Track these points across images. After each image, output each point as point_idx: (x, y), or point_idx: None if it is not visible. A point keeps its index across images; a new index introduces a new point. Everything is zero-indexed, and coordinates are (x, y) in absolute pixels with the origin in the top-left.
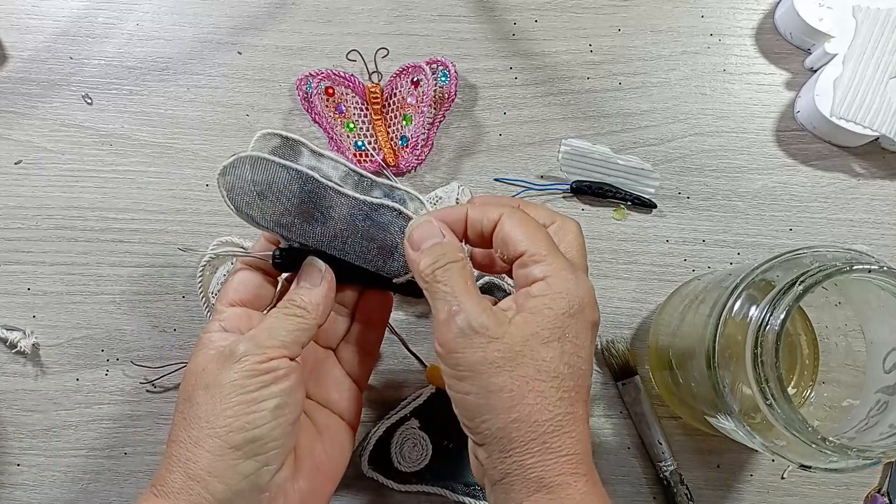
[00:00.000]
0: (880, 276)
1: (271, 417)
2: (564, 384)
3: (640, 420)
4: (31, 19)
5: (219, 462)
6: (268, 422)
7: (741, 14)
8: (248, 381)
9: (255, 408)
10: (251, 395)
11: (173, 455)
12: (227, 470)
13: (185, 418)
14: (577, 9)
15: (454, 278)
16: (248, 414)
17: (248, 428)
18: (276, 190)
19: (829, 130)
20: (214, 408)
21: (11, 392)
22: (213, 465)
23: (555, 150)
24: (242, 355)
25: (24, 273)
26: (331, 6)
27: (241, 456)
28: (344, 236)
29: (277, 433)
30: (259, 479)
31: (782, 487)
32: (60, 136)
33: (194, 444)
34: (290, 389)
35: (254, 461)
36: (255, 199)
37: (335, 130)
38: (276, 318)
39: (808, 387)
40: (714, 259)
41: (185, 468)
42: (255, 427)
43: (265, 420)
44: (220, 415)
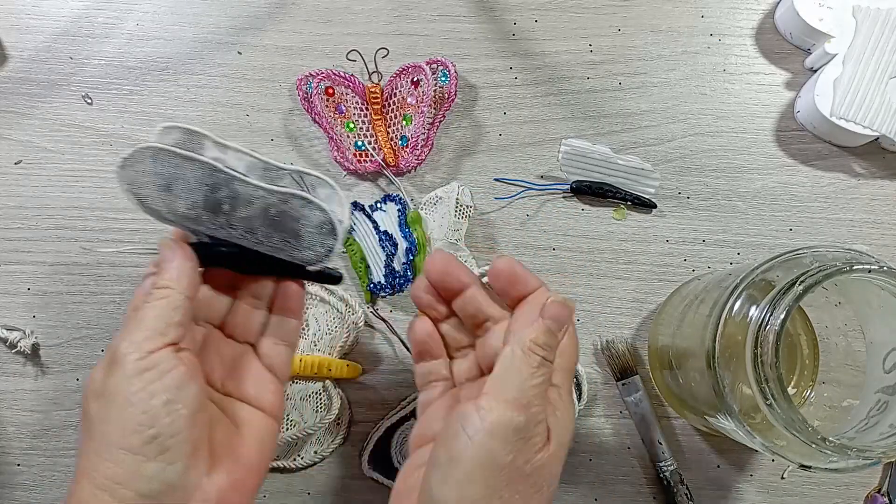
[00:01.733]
0: (880, 276)
1: (165, 414)
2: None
3: (640, 420)
4: (31, 19)
5: (120, 469)
6: (162, 418)
7: (741, 14)
8: (132, 382)
9: (145, 407)
10: (137, 395)
11: (80, 467)
12: (130, 475)
13: (86, 431)
14: (577, 9)
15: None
16: (140, 415)
17: (142, 429)
18: (180, 182)
19: (829, 130)
20: (107, 415)
21: (11, 392)
22: (114, 472)
23: (555, 150)
24: (122, 357)
25: (24, 273)
26: (331, 6)
27: (142, 459)
28: (254, 227)
29: (174, 428)
30: (167, 477)
31: (782, 487)
32: (60, 136)
33: (96, 454)
34: (178, 383)
35: (156, 462)
36: (160, 193)
37: (335, 130)
38: (144, 309)
39: (808, 387)
40: (714, 259)
41: (90, 479)
42: (150, 427)
43: (159, 417)
44: (112, 422)
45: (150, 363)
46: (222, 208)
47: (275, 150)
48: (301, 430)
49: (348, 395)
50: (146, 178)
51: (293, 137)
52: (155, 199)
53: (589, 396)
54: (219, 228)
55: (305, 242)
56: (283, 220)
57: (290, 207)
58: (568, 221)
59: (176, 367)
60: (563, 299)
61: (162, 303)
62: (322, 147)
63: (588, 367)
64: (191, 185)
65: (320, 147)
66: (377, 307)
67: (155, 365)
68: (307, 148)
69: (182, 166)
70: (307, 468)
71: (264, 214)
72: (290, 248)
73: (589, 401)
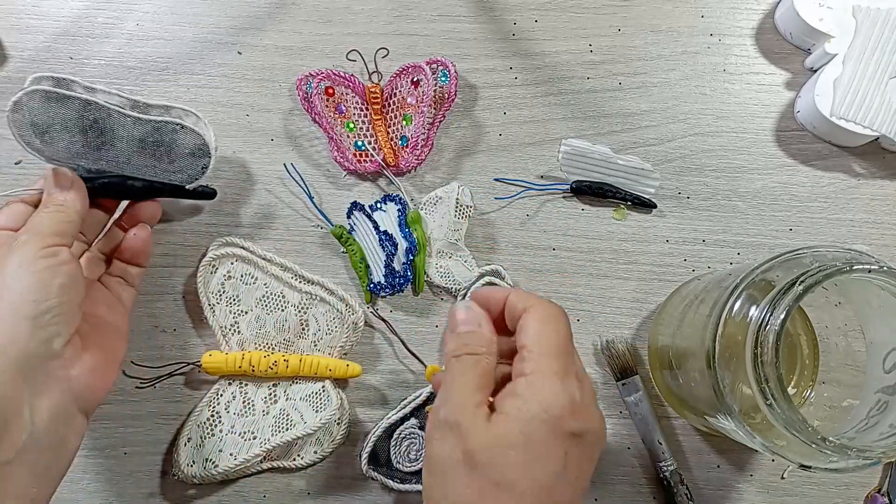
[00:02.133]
0: (880, 276)
1: (60, 293)
2: (525, 499)
3: (640, 420)
4: (31, 19)
5: (16, 330)
6: (57, 296)
7: (741, 14)
8: (35, 262)
9: (46, 284)
10: (39, 273)
11: None
12: (24, 336)
13: None
14: (577, 9)
15: (460, 370)
16: (40, 289)
17: (41, 300)
18: (60, 121)
19: (829, 130)
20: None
21: None
22: (10, 332)
23: (555, 150)
24: (24, 243)
25: None
26: (331, 6)
27: (35, 325)
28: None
29: (65, 308)
30: (51, 346)
31: (782, 487)
32: None
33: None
34: (72, 273)
35: (46, 330)
36: (43, 133)
37: (335, 130)
38: (41, 215)
39: (808, 387)
40: (714, 259)
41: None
42: (46, 300)
43: (54, 294)
44: (13, 288)
45: (51, 252)
46: (103, 142)
47: (275, 150)
48: (301, 430)
49: (348, 395)
50: (31, 119)
51: (293, 137)
52: (40, 139)
53: None
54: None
55: (181, 164)
56: (158, 147)
57: (163, 135)
58: (568, 221)
59: (70, 261)
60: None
61: (59, 215)
62: (322, 147)
63: (588, 367)
64: (71, 122)
65: (320, 147)
66: (377, 307)
67: (55, 255)
68: (307, 148)
69: (62, 106)
70: (307, 468)
71: (141, 144)
72: (168, 172)
73: None
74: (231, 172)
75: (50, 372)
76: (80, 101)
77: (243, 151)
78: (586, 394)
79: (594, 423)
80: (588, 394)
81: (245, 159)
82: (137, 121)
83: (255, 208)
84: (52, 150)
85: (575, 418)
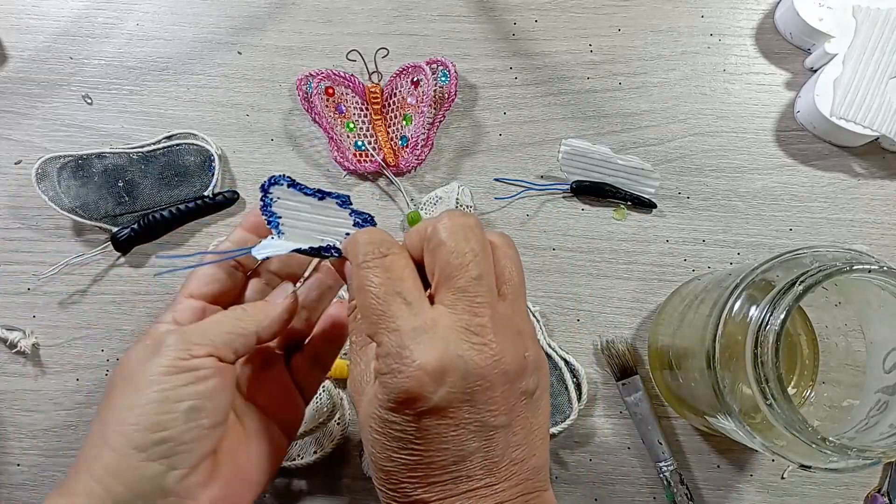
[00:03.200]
0: (880, 276)
1: (184, 420)
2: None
3: (640, 420)
4: (31, 19)
5: (122, 462)
6: (180, 424)
7: (741, 14)
8: (165, 378)
9: (169, 407)
10: (166, 393)
11: (82, 452)
12: (128, 471)
13: (100, 411)
14: (577, 9)
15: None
16: (161, 414)
17: (157, 428)
18: (82, 179)
19: (829, 130)
20: (128, 401)
21: (11, 392)
22: (115, 464)
23: (555, 150)
24: (167, 348)
25: (24, 273)
26: (331, 6)
27: (146, 458)
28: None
29: (189, 436)
30: (163, 482)
31: (782, 487)
32: (60, 136)
33: (101, 440)
34: (210, 392)
35: (159, 464)
36: (80, 200)
37: (335, 130)
38: (217, 317)
39: (808, 387)
40: (714, 259)
41: (88, 468)
42: (165, 429)
43: (178, 422)
44: (132, 410)
45: (192, 366)
46: (128, 189)
47: (275, 150)
48: (301, 430)
49: (348, 395)
50: (57, 182)
51: (293, 137)
52: (70, 200)
53: (589, 396)
54: (132, 211)
55: (195, 177)
56: (174, 169)
57: (175, 157)
58: (568, 221)
59: (213, 375)
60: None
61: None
62: (322, 147)
63: (588, 367)
64: (94, 177)
65: (320, 147)
66: None
67: (193, 369)
68: (307, 148)
69: (81, 166)
70: (307, 468)
71: (161, 174)
72: (186, 184)
73: (589, 401)
74: (231, 172)
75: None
76: (95, 156)
77: (243, 151)
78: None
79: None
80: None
81: (245, 159)
82: (150, 153)
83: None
84: (87, 209)
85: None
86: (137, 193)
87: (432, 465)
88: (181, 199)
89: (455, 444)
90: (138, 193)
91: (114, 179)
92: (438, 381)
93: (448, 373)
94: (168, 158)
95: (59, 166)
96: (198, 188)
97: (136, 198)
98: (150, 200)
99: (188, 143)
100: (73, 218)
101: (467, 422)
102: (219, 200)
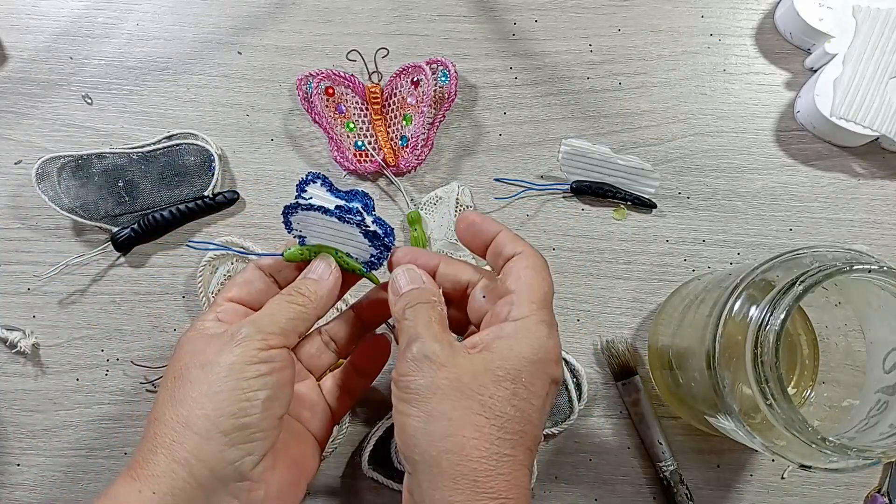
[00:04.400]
0: (880, 276)
1: (262, 408)
2: (508, 425)
3: (640, 420)
4: (31, 19)
5: (206, 446)
6: (259, 411)
7: (741, 14)
8: (246, 367)
9: (250, 395)
10: (247, 381)
11: (157, 436)
12: (213, 455)
13: (174, 397)
14: (577, 9)
15: (419, 315)
16: (242, 401)
17: (239, 414)
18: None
19: (829, 130)
20: (209, 388)
21: (11, 392)
22: (200, 448)
23: (555, 150)
24: (244, 339)
25: (24, 273)
26: (331, 6)
27: (229, 442)
28: (158, 190)
29: (266, 424)
30: (242, 467)
31: (782, 487)
32: (60, 136)
33: (183, 424)
34: (283, 383)
35: (239, 449)
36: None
37: (335, 130)
38: (278, 304)
39: (808, 387)
40: (714, 259)
41: (169, 451)
42: (247, 415)
43: (257, 409)
44: (213, 396)
45: (268, 357)
46: (128, 188)
47: (275, 150)
48: None
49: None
50: (57, 182)
51: (293, 137)
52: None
53: (589, 396)
54: (133, 204)
55: (195, 177)
56: (174, 169)
57: (175, 157)
58: (568, 221)
59: (286, 368)
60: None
61: (297, 309)
62: (322, 147)
63: (588, 367)
64: (94, 177)
65: (320, 147)
66: None
67: (271, 360)
68: (307, 148)
69: (81, 165)
70: None
71: (161, 174)
72: (186, 184)
73: (589, 401)
74: (231, 172)
75: (235, 495)
76: (95, 156)
77: (243, 151)
78: (559, 345)
79: (562, 372)
80: (559, 345)
81: (245, 159)
82: (150, 153)
83: (255, 208)
84: (87, 210)
85: (557, 365)
86: (137, 193)
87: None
88: (181, 199)
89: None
90: (138, 193)
91: (114, 179)
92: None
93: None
94: (168, 158)
95: (59, 166)
96: (198, 188)
97: (136, 198)
98: (150, 200)
99: (188, 143)
100: (73, 218)
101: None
102: (219, 200)
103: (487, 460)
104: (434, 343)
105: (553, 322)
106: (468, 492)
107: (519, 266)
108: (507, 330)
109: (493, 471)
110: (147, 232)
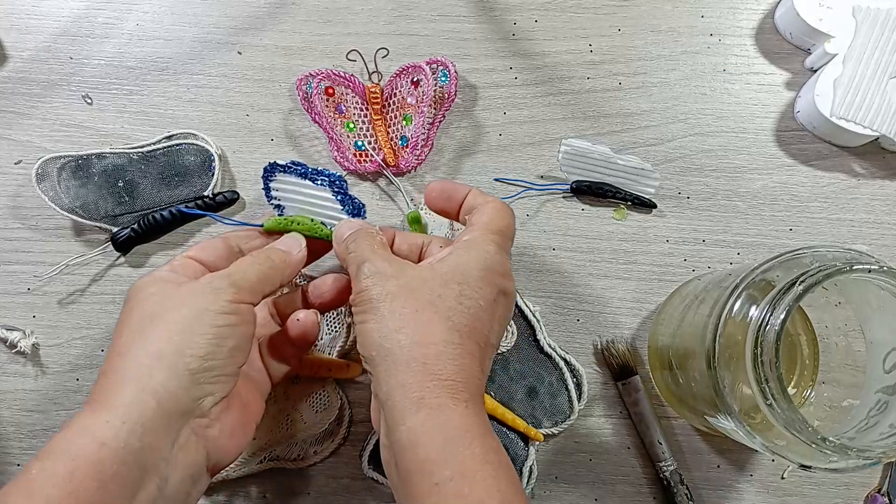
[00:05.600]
0: (880, 276)
1: (228, 354)
2: (455, 318)
3: (640, 420)
4: (31, 19)
5: (175, 380)
6: (224, 357)
7: (741, 14)
8: (217, 315)
9: (219, 341)
10: (218, 328)
11: (124, 369)
12: (180, 388)
13: (144, 333)
14: (577, 9)
15: (361, 243)
16: (212, 345)
17: (208, 357)
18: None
19: (829, 130)
20: (183, 328)
21: (11, 392)
22: (169, 380)
23: (555, 150)
24: (217, 289)
25: (24, 273)
26: (331, 6)
27: (195, 381)
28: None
29: (229, 370)
30: (203, 404)
31: (782, 487)
32: (60, 136)
33: (155, 357)
34: (247, 336)
35: (203, 388)
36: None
37: (335, 130)
38: (249, 263)
39: (808, 387)
40: (714, 259)
41: (138, 382)
42: (214, 359)
43: (223, 355)
44: (186, 336)
45: (237, 309)
46: (129, 188)
47: (275, 150)
48: (301, 430)
49: (348, 395)
50: (57, 183)
51: (293, 137)
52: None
53: (589, 396)
54: (133, 204)
55: (195, 177)
56: (174, 169)
57: (175, 157)
58: (568, 221)
59: (251, 323)
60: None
61: (267, 270)
62: (322, 147)
63: (588, 367)
64: (94, 177)
65: (320, 147)
66: None
67: (240, 312)
68: (307, 148)
69: (81, 166)
70: (307, 468)
71: (161, 174)
72: (186, 184)
73: (589, 401)
74: (231, 172)
75: (193, 429)
76: (95, 156)
77: (243, 151)
78: (508, 263)
79: (514, 288)
80: (509, 263)
81: (245, 159)
82: (151, 154)
83: (255, 208)
84: (87, 210)
85: (505, 279)
86: (137, 193)
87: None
88: (181, 199)
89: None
90: (138, 193)
91: (114, 179)
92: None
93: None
94: (168, 158)
95: (59, 166)
96: (198, 188)
97: (136, 198)
98: (150, 200)
99: (188, 143)
100: (73, 218)
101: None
102: (219, 200)
103: (436, 346)
104: (381, 261)
105: (506, 247)
106: (419, 374)
107: (484, 208)
108: (458, 246)
109: (442, 355)
110: (147, 232)
